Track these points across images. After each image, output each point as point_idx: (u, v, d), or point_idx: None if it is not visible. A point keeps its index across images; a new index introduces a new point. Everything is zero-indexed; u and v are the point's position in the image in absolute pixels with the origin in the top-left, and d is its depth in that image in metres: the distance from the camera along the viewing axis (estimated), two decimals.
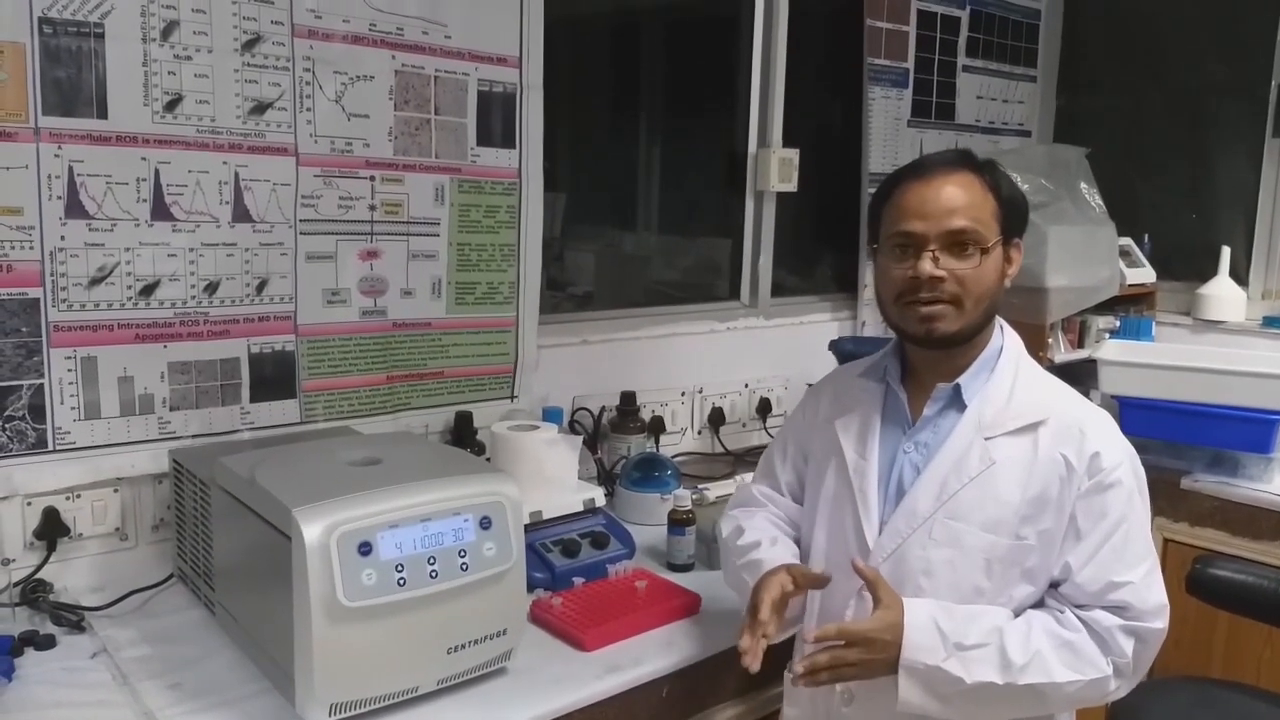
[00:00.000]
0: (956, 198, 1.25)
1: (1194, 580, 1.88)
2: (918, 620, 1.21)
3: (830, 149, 2.83)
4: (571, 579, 1.60)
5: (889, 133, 2.78)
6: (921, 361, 1.35)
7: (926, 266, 1.24)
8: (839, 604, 1.33)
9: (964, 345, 1.31)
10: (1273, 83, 2.88)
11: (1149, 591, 1.23)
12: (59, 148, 1.48)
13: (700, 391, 2.44)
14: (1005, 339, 1.35)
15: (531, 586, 1.51)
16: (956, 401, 1.31)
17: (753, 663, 1.21)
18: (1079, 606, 1.24)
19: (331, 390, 1.81)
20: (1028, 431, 1.27)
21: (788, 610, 1.30)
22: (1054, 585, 1.27)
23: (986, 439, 1.27)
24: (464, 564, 1.24)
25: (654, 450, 2.23)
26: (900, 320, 1.30)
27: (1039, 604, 1.28)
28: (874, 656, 1.20)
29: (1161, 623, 1.24)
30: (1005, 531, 1.25)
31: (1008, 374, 1.32)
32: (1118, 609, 1.22)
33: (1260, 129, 2.91)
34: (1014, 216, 1.31)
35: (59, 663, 1.34)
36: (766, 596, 1.25)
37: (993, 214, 1.27)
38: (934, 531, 1.27)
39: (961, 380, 1.31)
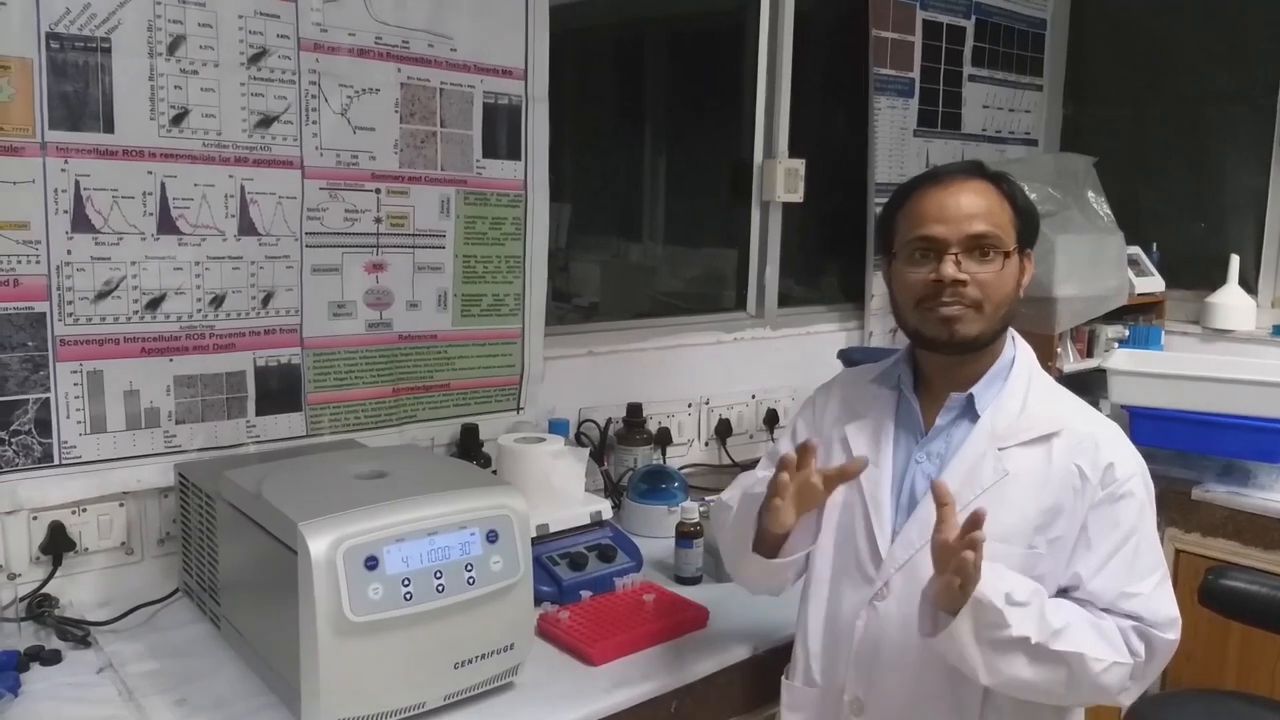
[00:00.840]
0: (976, 204, 1.26)
1: (1206, 591, 1.86)
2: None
3: (836, 159, 2.82)
4: (579, 592, 1.59)
5: (895, 142, 2.78)
6: (934, 369, 1.35)
7: (949, 269, 1.24)
8: (849, 612, 1.32)
9: (978, 353, 1.30)
10: (1279, 92, 2.87)
11: (1159, 603, 1.23)
12: (65, 162, 1.48)
13: (707, 403, 2.43)
14: (1018, 350, 1.34)
15: (538, 600, 1.50)
16: (969, 411, 1.31)
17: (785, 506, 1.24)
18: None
19: (337, 403, 1.81)
20: (1041, 443, 1.27)
21: (798, 530, 1.29)
22: (1062, 592, 1.25)
23: (1000, 450, 1.27)
24: (470, 578, 1.23)
25: (661, 462, 2.22)
26: (920, 324, 1.30)
27: None
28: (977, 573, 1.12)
29: (1173, 635, 1.23)
30: (1018, 542, 1.24)
31: (1020, 385, 1.31)
32: (1129, 619, 1.22)
33: (1268, 136, 2.91)
34: (1028, 226, 1.31)
35: (65, 678, 1.34)
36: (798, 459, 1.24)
37: (1010, 221, 1.28)
38: None
39: (975, 390, 1.31)
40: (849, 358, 2.23)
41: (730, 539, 1.42)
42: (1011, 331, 1.35)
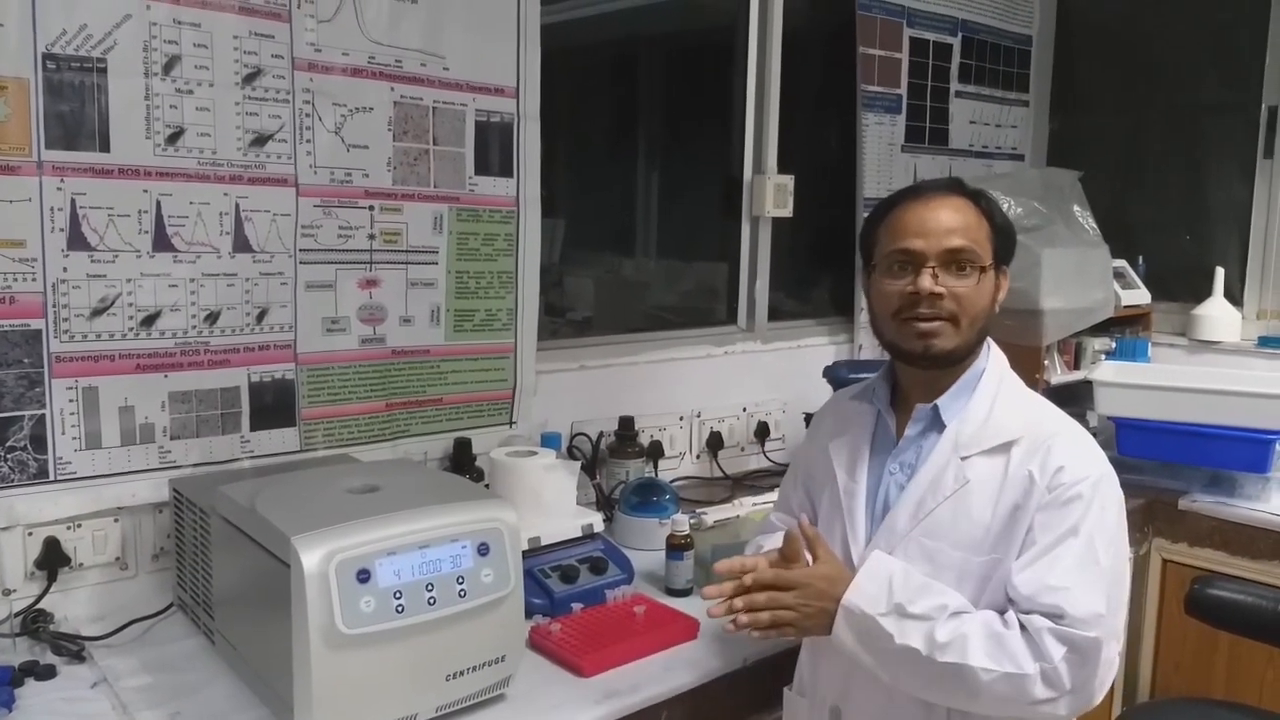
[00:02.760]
0: (954, 219, 1.29)
1: (1193, 600, 1.88)
2: (874, 571, 1.24)
3: (825, 174, 2.85)
4: (570, 605, 1.60)
5: (883, 158, 2.81)
6: (910, 382, 1.37)
7: (926, 282, 1.27)
8: None
9: (953, 366, 1.33)
10: (1263, 104, 2.91)
11: (1083, 598, 1.19)
12: (61, 181, 1.50)
13: (698, 416, 2.45)
14: (990, 360, 1.36)
15: (530, 612, 1.51)
16: (937, 422, 1.33)
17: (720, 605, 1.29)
18: (1022, 612, 1.22)
19: (331, 418, 1.82)
20: (1001, 451, 1.28)
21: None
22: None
23: (962, 458, 1.29)
24: (462, 590, 1.24)
25: (652, 475, 2.23)
26: (897, 337, 1.32)
27: None
28: (810, 603, 1.24)
29: (1095, 633, 1.18)
30: (978, 549, 1.26)
31: (988, 394, 1.33)
32: (1052, 615, 1.19)
33: (1252, 149, 2.94)
34: (1004, 244, 1.34)
35: (59, 693, 1.34)
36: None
37: (987, 237, 1.31)
38: (910, 549, 1.28)
39: (940, 401, 1.33)
40: (834, 374, 2.25)
41: None
42: (988, 341, 1.37)
